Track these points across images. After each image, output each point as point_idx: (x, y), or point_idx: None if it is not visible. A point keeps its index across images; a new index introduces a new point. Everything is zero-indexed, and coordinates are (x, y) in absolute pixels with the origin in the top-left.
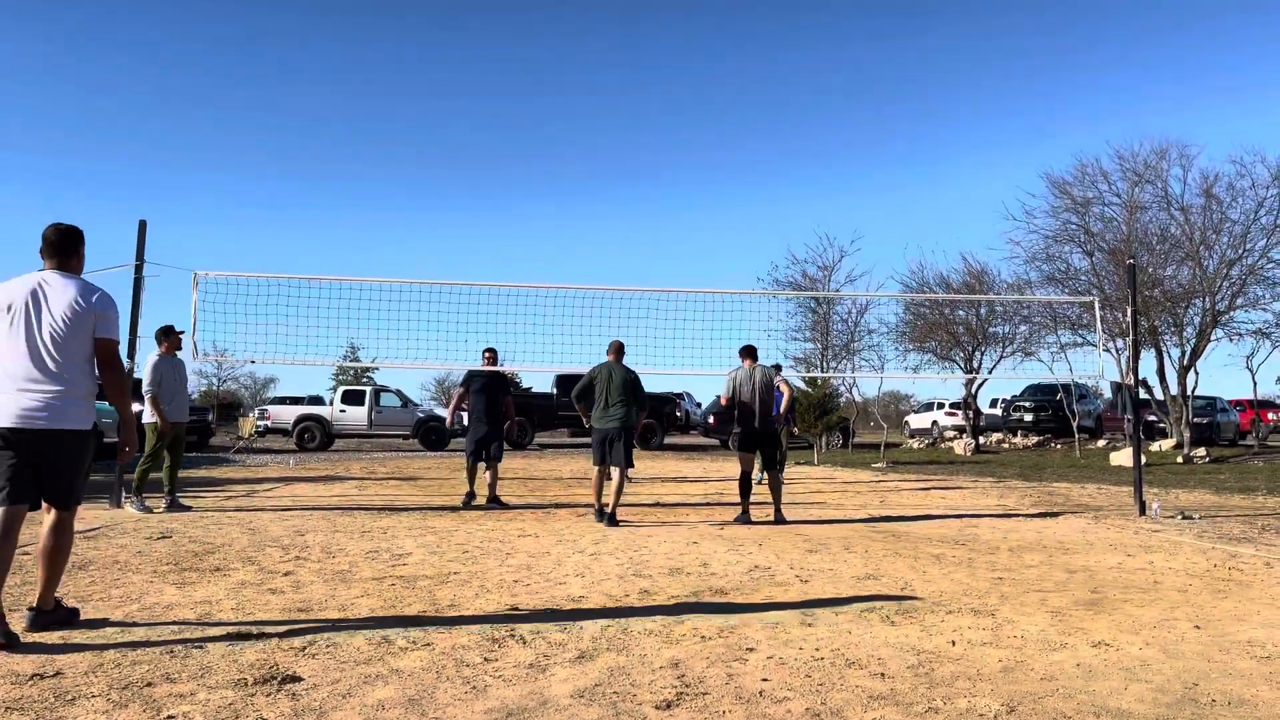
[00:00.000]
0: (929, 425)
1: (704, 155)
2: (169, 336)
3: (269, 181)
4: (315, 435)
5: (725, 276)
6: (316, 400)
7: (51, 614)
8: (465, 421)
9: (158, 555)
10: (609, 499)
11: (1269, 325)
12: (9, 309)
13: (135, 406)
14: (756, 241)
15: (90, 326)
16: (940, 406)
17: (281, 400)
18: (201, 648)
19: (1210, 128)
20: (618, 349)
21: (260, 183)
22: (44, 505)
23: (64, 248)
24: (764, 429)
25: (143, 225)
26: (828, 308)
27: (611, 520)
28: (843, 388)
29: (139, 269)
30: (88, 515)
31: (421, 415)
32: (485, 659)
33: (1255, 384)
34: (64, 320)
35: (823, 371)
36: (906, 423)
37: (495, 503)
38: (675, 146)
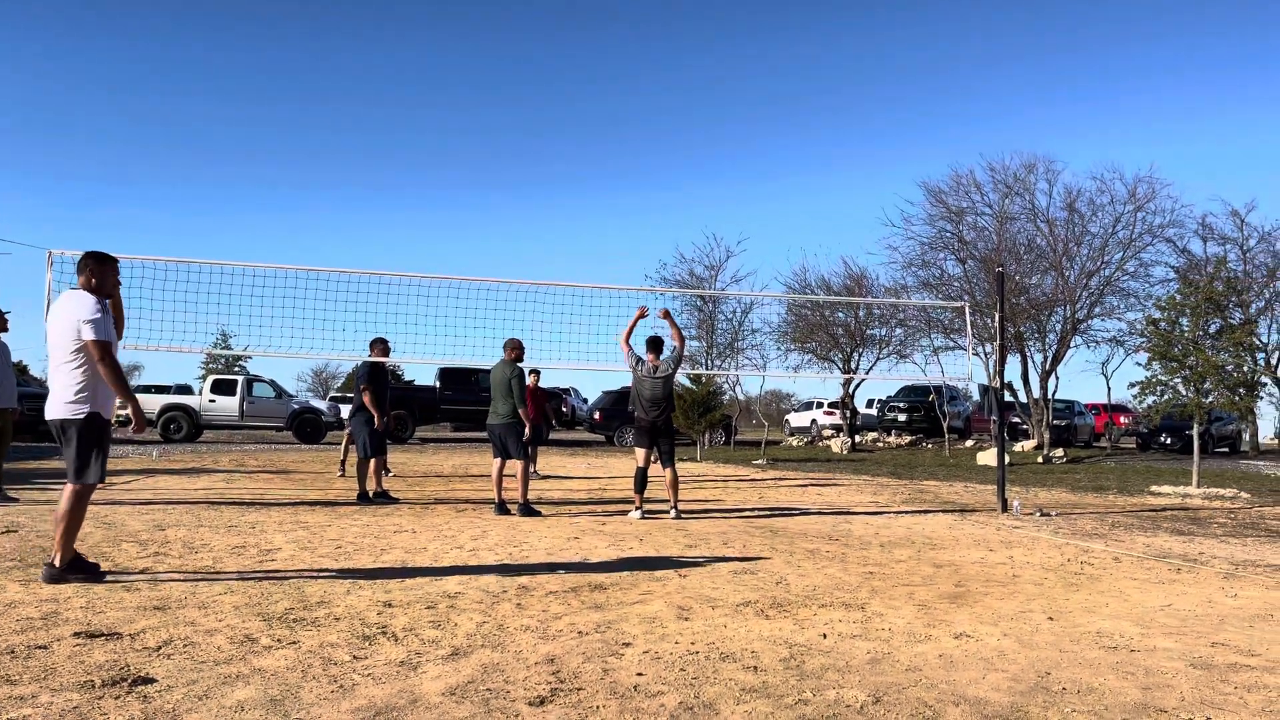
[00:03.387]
0: (808, 424)
1: (596, 155)
2: None
3: (143, 162)
4: (182, 426)
5: (614, 273)
6: (184, 389)
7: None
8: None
9: (1, 551)
10: (508, 491)
11: (1122, 334)
12: None
13: None
14: (646, 240)
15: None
16: (819, 405)
17: (146, 389)
18: (46, 648)
19: (1074, 145)
20: (506, 347)
21: (135, 164)
22: None
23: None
24: (661, 423)
25: None
26: (713, 306)
27: (524, 509)
28: (726, 385)
29: None
30: None
31: (296, 406)
32: (354, 657)
33: (1109, 389)
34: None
35: (707, 369)
36: (787, 421)
37: (383, 497)
38: (568, 146)
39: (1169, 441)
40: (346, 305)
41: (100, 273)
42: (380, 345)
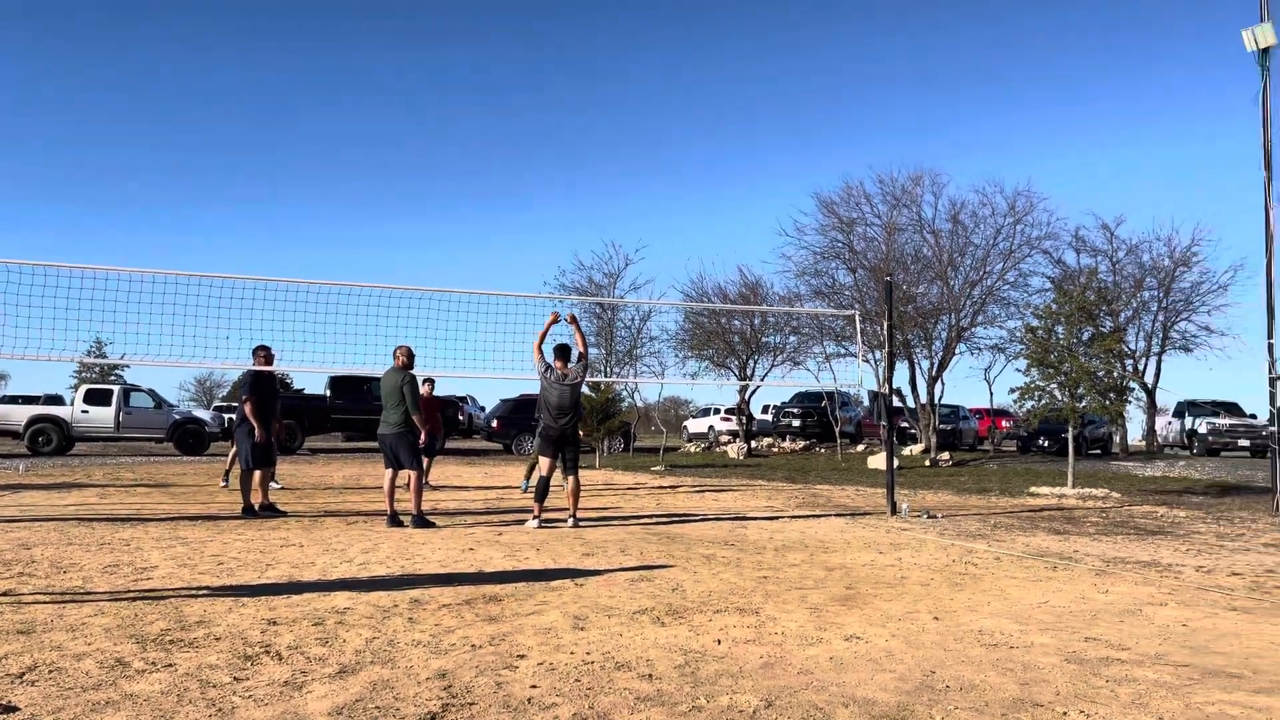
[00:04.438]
0: (706, 430)
1: (494, 159)
2: None
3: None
4: (51, 438)
5: (511, 279)
6: (54, 400)
7: None
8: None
9: None
10: (401, 503)
11: (1003, 341)
12: None
13: None
14: (544, 247)
15: None
16: (717, 412)
17: (12, 399)
18: None
19: (959, 159)
20: (396, 354)
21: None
22: None
23: None
24: (569, 432)
25: None
26: (612, 314)
27: (417, 521)
28: (625, 393)
29: None
30: None
31: (178, 417)
32: (235, 678)
33: (992, 394)
34: None
35: (606, 377)
36: (685, 427)
37: (269, 511)
38: (463, 150)
39: (1046, 444)
40: (231, 312)
41: None
42: (263, 353)
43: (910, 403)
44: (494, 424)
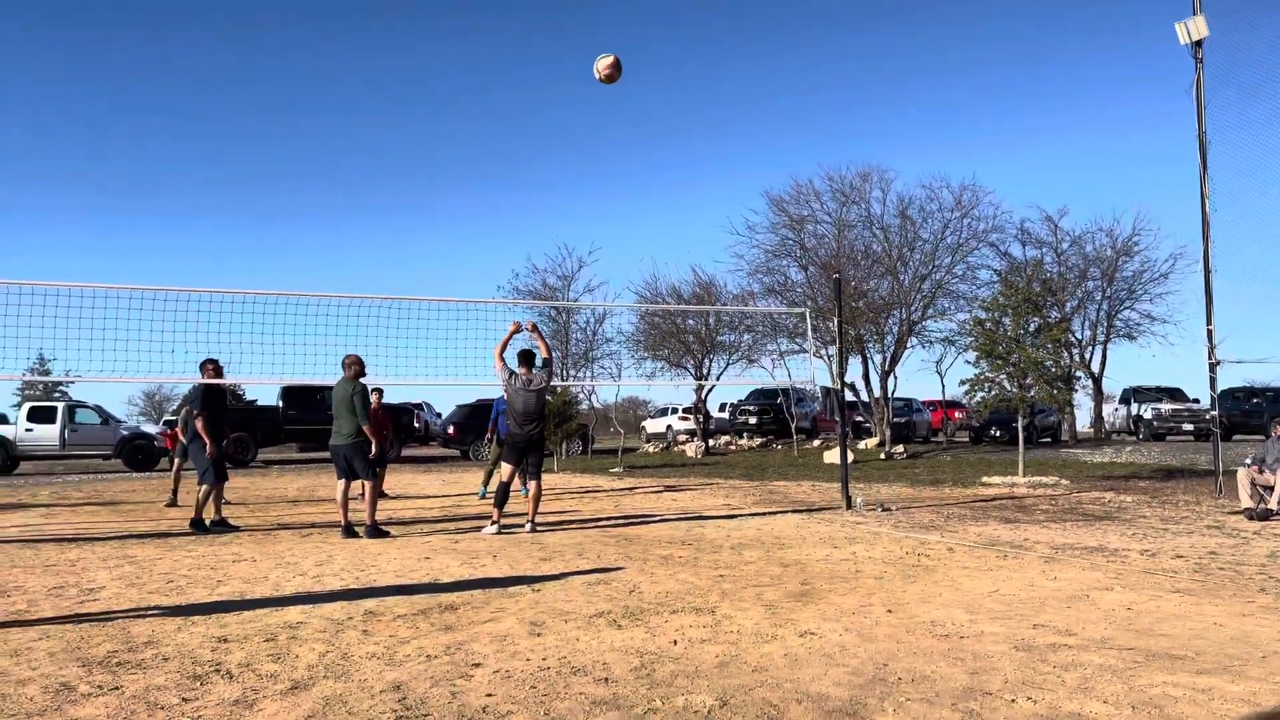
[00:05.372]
0: (664, 430)
1: (443, 161)
2: None
3: None
4: None
5: (464, 284)
6: None
7: None
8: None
9: None
10: (355, 513)
11: (953, 333)
12: None
13: None
14: (497, 250)
15: None
16: (674, 411)
17: None
18: None
19: (905, 155)
20: (345, 364)
21: None
22: None
23: None
24: (535, 437)
25: None
26: (567, 317)
27: (372, 531)
28: (582, 395)
29: None
30: None
31: (126, 433)
32: (184, 699)
33: (944, 386)
34: None
35: (563, 380)
36: (643, 428)
37: (221, 525)
38: (414, 149)
39: (998, 434)
40: (178, 325)
41: None
42: (211, 366)
43: (864, 397)
44: (450, 430)
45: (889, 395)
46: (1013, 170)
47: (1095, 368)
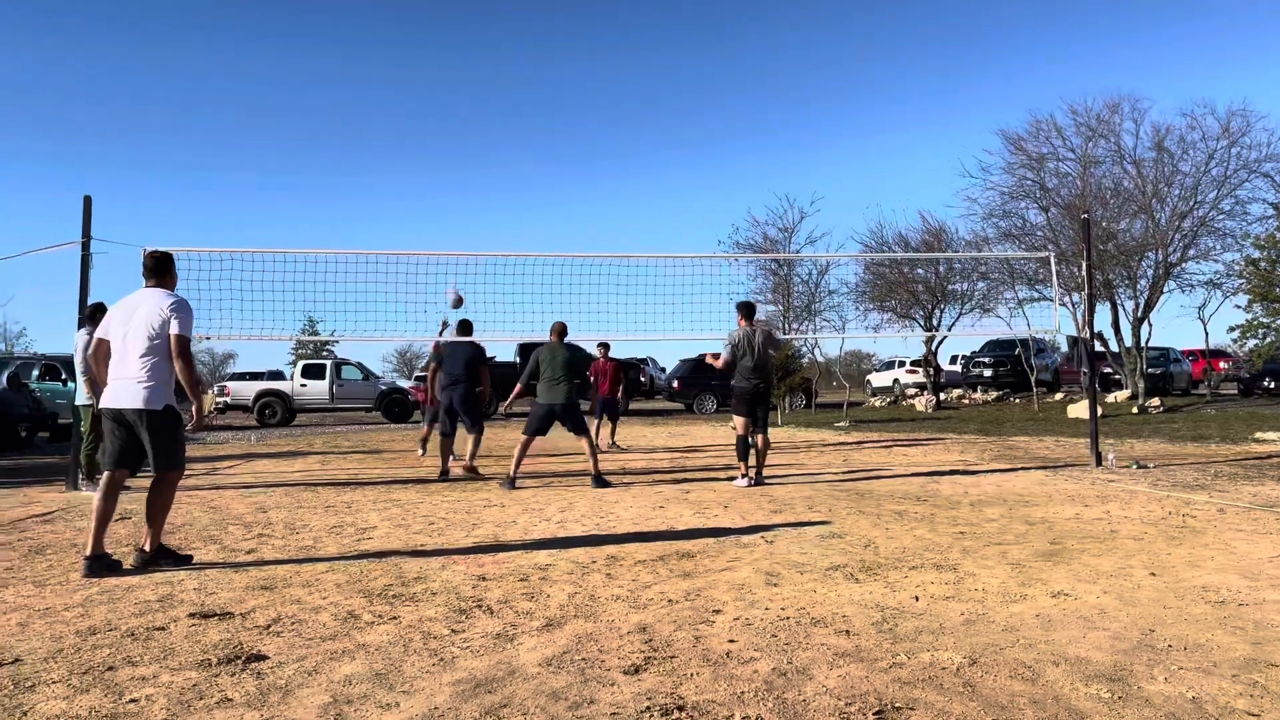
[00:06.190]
0: (890, 383)
1: (667, 120)
2: (100, 314)
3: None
4: (276, 410)
5: (687, 240)
6: (277, 375)
7: (154, 556)
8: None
9: (117, 537)
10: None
11: (1219, 276)
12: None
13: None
14: (718, 204)
15: (166, 327)
16: (901, 364)
17: (241, 376)
18: (164, 629)
19: (1162, 81)
20: (559, 330)
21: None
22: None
23: (157, 269)
24: (762, 390)
25: (88, 202)
26: (789, 269)
27: (598, 481)
28: (805, 349)
29: (85, 246)
30: (44, 499)
31: (384, 388)
32: (452, 630)
33: (1207, 334)
34: (145, 324)
35: (785, 333)
36: (868, 381)
37: (472, 473)
38: (636, 112)
39: (1273, 386)
40: (426, 286)
41: (174, 273)
42: (468, 326)
43: (1114, 347)
44: (675, 384)
45: (1142, 345)
46: None
47: None
